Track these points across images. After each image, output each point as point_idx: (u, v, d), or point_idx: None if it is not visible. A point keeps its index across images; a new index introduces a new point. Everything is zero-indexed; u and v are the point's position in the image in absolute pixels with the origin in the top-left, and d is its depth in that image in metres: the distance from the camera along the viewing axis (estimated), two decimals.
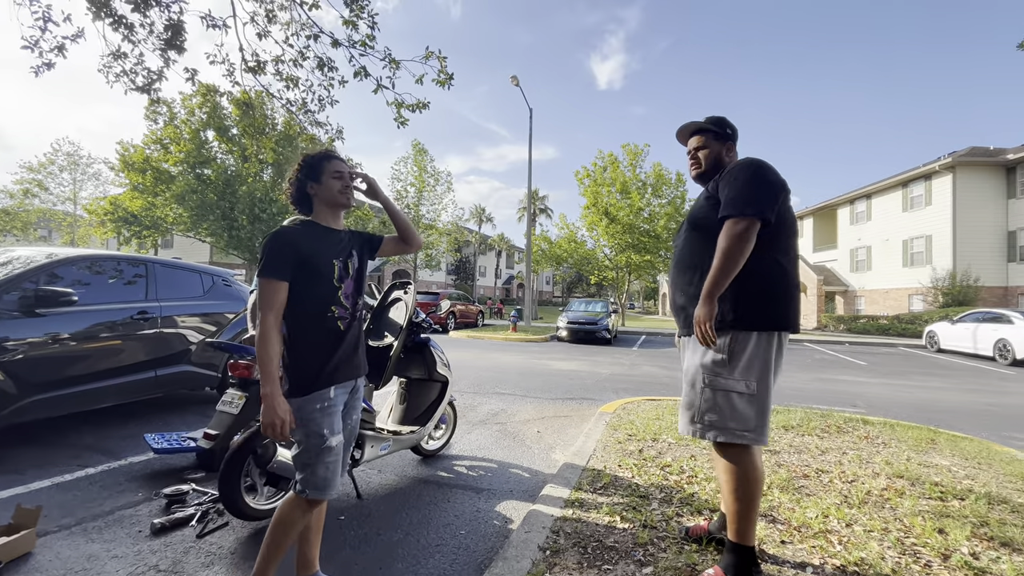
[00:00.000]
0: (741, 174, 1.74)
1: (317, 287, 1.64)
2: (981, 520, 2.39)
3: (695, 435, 1.79)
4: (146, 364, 4.04)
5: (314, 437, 1.58)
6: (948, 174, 20.03)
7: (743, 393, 1.72)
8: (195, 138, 19.06)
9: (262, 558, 1.61)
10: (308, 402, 1.58)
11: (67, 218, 31.40)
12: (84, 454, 3.31)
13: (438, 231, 27.13)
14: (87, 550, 2.10)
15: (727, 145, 2.00)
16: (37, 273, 3.46)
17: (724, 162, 1.97)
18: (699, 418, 1.77)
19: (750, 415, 1.72)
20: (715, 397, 1.74)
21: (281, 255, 1.58)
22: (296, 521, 1.61)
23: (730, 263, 1.64)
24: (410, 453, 3.50)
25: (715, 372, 1.75)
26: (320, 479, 1.59)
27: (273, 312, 1.54)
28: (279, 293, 1.56)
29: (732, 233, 1.65)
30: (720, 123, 2.01)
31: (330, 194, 1.73)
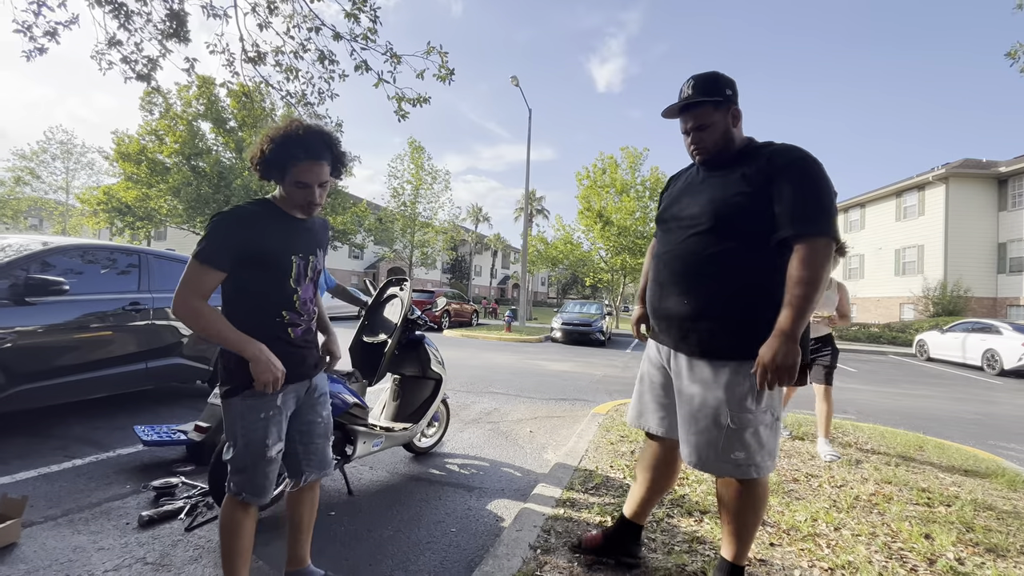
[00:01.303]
0: (813, 177, 1.42)
1: (268, 286, 1.46)
2: (967, 526, 2.41)
3: (718, 474, 1.56)
4: (137, 356, 4.00)
5: (254, 445, 1.45)
6: (941, 185, 20.26)
7: (768, 424, 1.51)
8: (189, 128, 18.91)
9: (225, 570, 1.52)
10: (252, 409, 1.44)
11: (59, 207, 31.05)
12: (72, 445, 3.28)
13: (434, 229, 27.08)
14: (73, 541, 2.08)
15: (732, 110, 1.58)
16: (28, 261, 3.42)
17: (733, 136, 1.60)
18: (725, 457, 1.51)
19: (775, 444, 1.54)
20: (745, 436, 1.49)
21: (226, 241, 1.37)
22: (242, 523, 1.50)
23: (820, 294, 1.37)
24: (402, 450, 3.49)
25: (744, 409, 1.48)
26: (256, 486, 1.48)
27: (200, 297, 1.36)
28: (210, 283, 1.38)
29: (821, 259, 1.37)
30: (715, 86, 1.58)
31: (290, 200, 1.49)
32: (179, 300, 1.36)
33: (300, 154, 1.41)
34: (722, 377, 1.51)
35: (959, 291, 19.51)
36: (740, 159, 1.56)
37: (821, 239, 1.39)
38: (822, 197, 1.41)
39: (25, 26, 3.62)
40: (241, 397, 1.45)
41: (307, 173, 1.43)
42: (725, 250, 1.51)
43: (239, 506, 1.50)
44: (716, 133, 1.59)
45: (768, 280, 1.46)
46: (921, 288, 20.46)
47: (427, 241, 27.07)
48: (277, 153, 1.41)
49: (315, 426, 1.66)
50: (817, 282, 1.36)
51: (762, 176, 1.47)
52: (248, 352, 1.38)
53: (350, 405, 2.60)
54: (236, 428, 1.46)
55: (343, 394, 2.58)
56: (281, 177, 1.45)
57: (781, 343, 1.36)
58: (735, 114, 1.59)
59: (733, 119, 1.59)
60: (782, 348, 1.36)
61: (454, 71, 4.65)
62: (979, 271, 19.96)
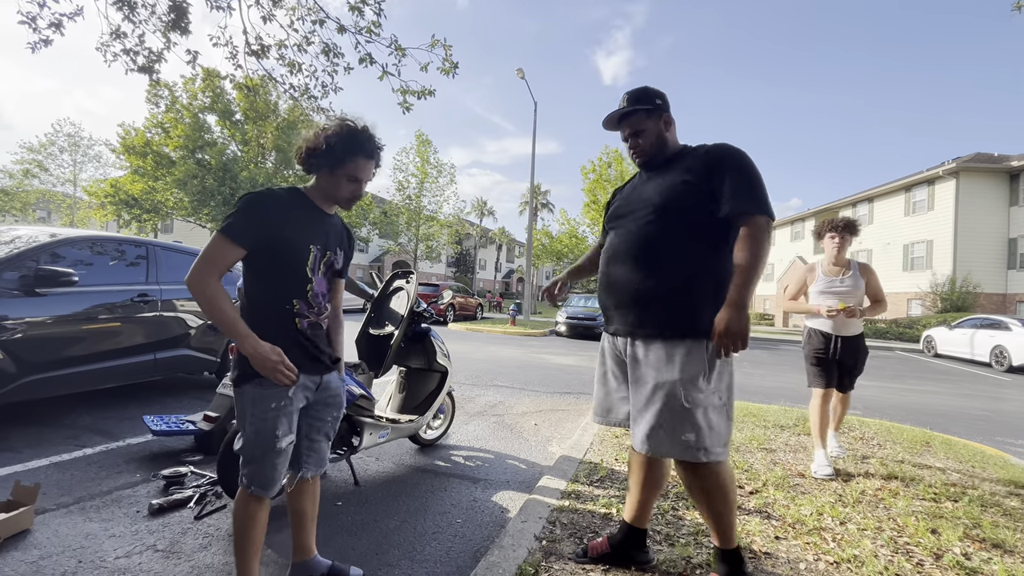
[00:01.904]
0: (746, 165, 1.59)
1: (283, 271, 1.48)
2: (974, 522, 2.40)
3: (667, 455, 1.60)
4: (145, 347, 4.04)
5: (264, 436, 1.45)
6: (952, 179, 20.01)
7: (717, 407, 1.58)
8: (195, 121, 18.95)
9: (236, 558, 1.53)
10: (263, 399, 1.44)
11: (67, 200, 31.27)
12: (83, 435, 3.32)
13: (439, 223, 27.08)
14: (85, 528, 2.11)
15: (664, 117, 1.78)
16: (38, 252, 3.45)
17: (666, 139, 1.78)
18: (675, 438, 1.56)
19: (724, 429, 1.59)
20: (696, 416, 1.54)
21: (252, 220, 1.41)
22: (254, 515, 1.50)
23: (761, 268, 1.51)
24: (408, 442, 3.52)
25: (696, 388, 1.55)
26: (265, 478, 1.48)
27: (217, 272, 1.38)
28: (227, 257, 1.39)
29: (764, 233, 1.52)
30: (646, 96, 1.78)
31: (335, 192, 1.55)
32: (195, 271, 1.37)
33: (359, 151, 1.52)
34: (676, 356, 1.58)
35: (968, 287, 19.32)
36: (678, 158, 1.74)
37: (761, 217, 1.54)
38: (757, 182, 1.58)
39: (30, 17, 3.63)
40: (252, 385, 1.45)
41: (362, 169, 1.54)
42: (674, 235, 1.63)
43: (251, 499, 1.51)
44: (651, 137, 1.77)
45: (716, 261, 1.60)
46: (929, 284, 20.28)
47: (432, 235, 27.09)
48: (341, 147, 1.49)
49: (323, 424, 1.66)
50: (759, 256, 1.51)
51: (702, 167, 1.63)
52: (244, 347, 1.39)
53: (357, 397, 2.62)
54: (246, 417, 1.47)
55: (350, 386, 2.59)
56: (333, 169, 1.51)
57: (731, 312, 1.49)
58: (667, 120, 1.79)
59: (665, 124, 1.79)
60: (733, 316, 1.49)
61: (458, 64, 4.62)
62: (989, 267, 19.75)
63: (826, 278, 3.30)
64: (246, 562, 1.53)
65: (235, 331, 1.39)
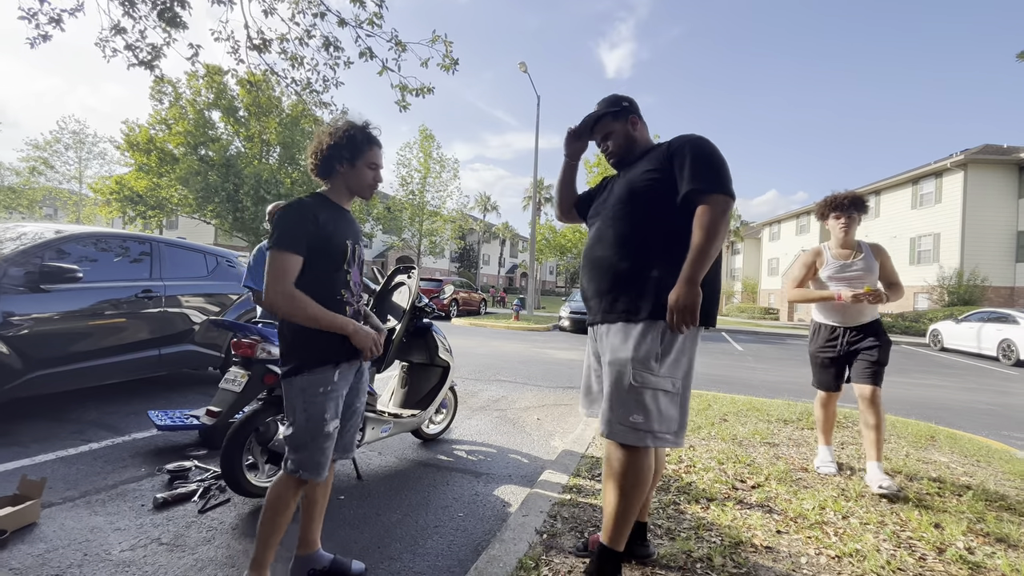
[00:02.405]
0: (703, 148, 1.61)
1: (330, 267, 1.59)
2: (978, 516, 2.39)
3: (616, 438, 1.58)
4: (150, 342, 4.07)
5: (314, 421, 1.55)
6: (960, 172, 19.79)
7: (669, 392, 1.56)
8: (199, 117, 18.98)
9: (260, 541, 1.58)
10: (312, 384, 1.55)
11: (72, 197, 31.43)
12: (89, 429, 3.35)
13: (443, 218, 27.05)
14: (90, 522, 2.14)
15: (630, 119, 1.85)
16: (43, 249, 3.47)
17: (635, 138, 1.85)
18: (623, 419, 1.55)
19: (674, 416, 1.58)
20: (644, 397, 1.54)
21: (300, 228, 1.51)
22: (290, 501, 1.59)
23: (714, 245, 1.51)
24: (410, 436, 3.53)
25: (647, 368, 1.55)
26: (315, 462, 1.56)
27: (290, 282, 1.48)
28: (294, 268, 1.49)
29: (718, 211, 1.52)
30: (613, 102, 1.88)
31: (359, 182, 1.67)
32: (271, 290, 1.47)
33: (375, 140, 1.68)
34: (632, 336, 1.60)
35: (975, 280, 19.15)
36: (646, 155, 1.78)
37: (716, 195, 1.54)
38: (714, 163, 1.59)
39: (30, 13, 3.63)
40: (302, 375, 1.55)
41: (379, 157, 1.70)
42: (639, 225, 1.67)
43: (294, 484, 1.59)
44: (619, 138, 1.86)
45: (678, 246, 1.58)
46: (936, 277, 20.11)
47: (435, 230, 27.07)
48: (360, 137, 1.63)
49: (355, 411, 1.76)
50: (714, 232, 1.51)
51: (664, 157, 1.67)
52: (347, 329, 1.56)
53: None
54: (297, 404, 1.55)
55: None
56: (355, 161, 1.64)
57: (681, 287, 1.51)
58: (633, 121, 1.86)
59: (632, 125, 1.86)
60: (683, 291, 1.50)
61: (458, 61, 4.62)
62: (997, 260, 19.55)
63: (836, 262, 2.95)
64: (270, 547, 1.59)
65: (335, 324, 1.54)
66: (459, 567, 1.95)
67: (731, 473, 2.86)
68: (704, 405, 4.67)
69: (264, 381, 2.55)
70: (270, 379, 2.54)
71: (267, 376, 2.54)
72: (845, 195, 2.94)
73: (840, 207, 2.92)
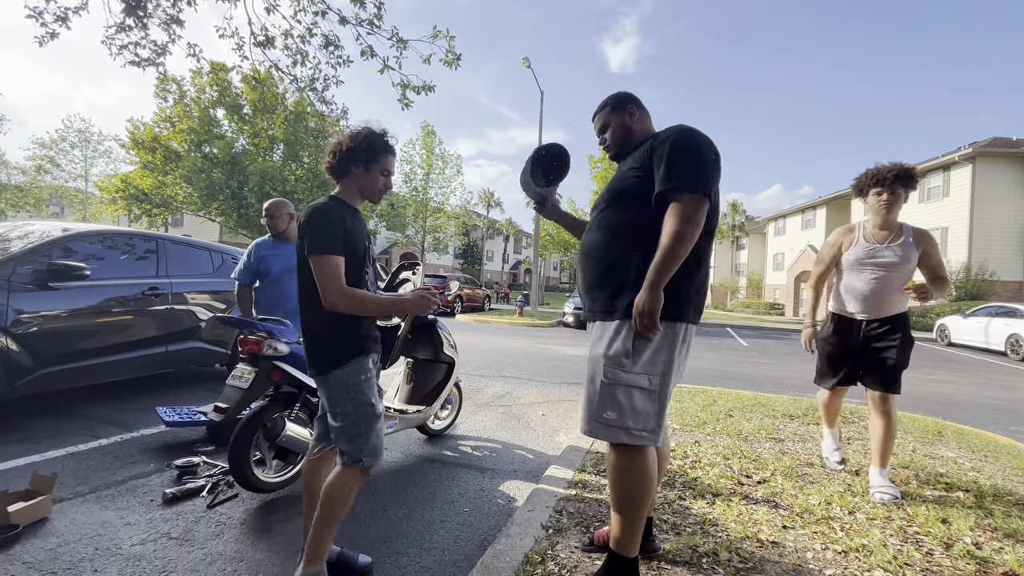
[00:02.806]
0: (683, 142, 1.53)
1: (353, 267, 1.64)
2: (986, 512, 2.38)
3: (592, 434, 1.58)
4: (157, 339, 4.10)
5: (364, 407, 1.62)
6: (968, 165, 19.58)
7: (645, 389, 1.52)
8: (204, 115, 19.03)
9: (316, 537, 1.59)
10: (354, 374, 1.62)
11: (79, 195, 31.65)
12: (98, 425, 3.38)
13: (446, 214, 27.04)
14: (101, 517, 2.16)
15: (628, 110, 1.79)
16: (50, 247, 3.49)
17: (633, 130, 1.80)
18: (598, 416, 1.56)
19: (650, 413, 1.53)
20: (616, 393, 1.53)
21: (332, 229, 1.57)
22: (352, 494, 1.62)
23: (682, 248, 1.45)
24: (416, 432, 3.55)
25: (618, 365, 1.53)
26: (373, 446, 1.63)
27: (345, 283, 1.55)
28: (340, 268, 1.55)
29: (685, 213, 1.45)
30: (610, 97, 1.86)
31: (371, 186, 1.74)
32: (332, 295, 1.53)
33: (389, 148, 1.74)
34: (607, 334, 1.59)
35: (983, 275, 18.98)
36: (638, 147, 1.72)
37: (686, 195, 1.47)
38: (691, 158, 1.51)
39: (37, 12, 3.65)
40: (344, 367, 1.61)
41: (392, 164, 1.77)
42: (622, 222, 1.64)
43: (357, 475, 1.62)
44: (616, 131, 1.82)
45: (656, 245, 1.53)
46: None
47: (439, 226, 27.07)
48: (378, 143, 1.70)
49: None
50: (681, 234, 1.45)
51: (647, 154, 1.62)
52: (406, 303, 1.71)
53: None
54: (343, 396, 1.61)
55: None
56: (369, 166, 1.70)
57: (643, 292, 1.47)
58: (631, 112, 1.80)
59: (630, 116, 1.80)
60: (643, 296, 1.46)
61: (461, 56, 4.60)
62: (1005, 254, 19.35)
63: (867, 244, 2.60)
64: (327, 541, 1.61)
65: (395, 304, 1.72)
66: (465, 561, 1.96)
67: (737, 468, 2.86)
68: (709, 401, 4.66)
69: (271, 377, 2.56)
70: (277, 375, 2.55)
71: (274, 372, 2.55)
72: (890, 167, 2.56)
73: (883, 181, 2.54)
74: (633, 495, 1.54)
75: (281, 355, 2.56)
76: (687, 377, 6.34)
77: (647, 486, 1.54)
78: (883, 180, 2.54)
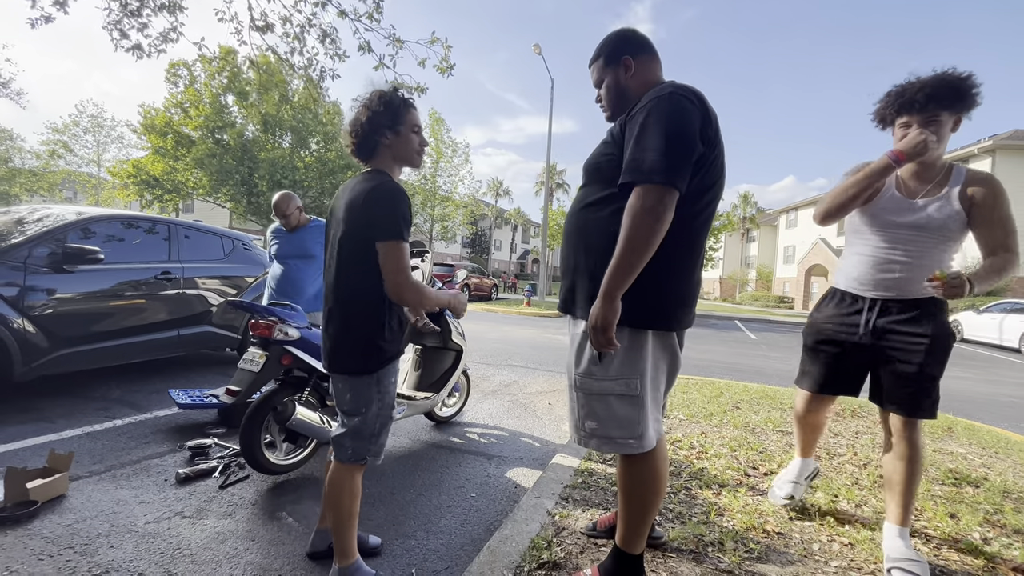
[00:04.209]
0: (653, 116, 1.25)
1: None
2: (995, 507, 2.37)
3: (581, 444, 1.47)
4: (169, 323, 4.15)
5: (387, 409, 1.59)
6: (987, 158, 19.18)
7: (623, 395, 1.37)
8: (215, 102, 19.07)
9: (338, 534, 1.57)
10: (386, 376, 1.56)
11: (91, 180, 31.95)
12: (113, 407, 3.45)
13: (454, 203, 27.00)
14: (116, 495, 2.21)
15: (623, 63, 1.49)
16: (65, 230, 3.54)
17: (628, 87, 1.49)
18: (581, 426, 1.45)
19: (634, 419, 1.37)
20: (592, 404, 1.41)
21: (407, 213, 1.45)
22: (358, 486, 1.59)
23: (635, 252, 1.21)
24: (424, 419, 3.58)
25: (587, 373, 1.40)
26: (380, 445, 1.61)
27: (411, 273, 1.47)
28: (409, 255, 1.47)
29: (638, 209, 1.21)
30: (602, 45, 1.54)
31: (407, 150, 1.57)
32: (403, 286, 1.45)
33: (410, 103, 1.58)
34: (576, 336, 1.47)
35: None
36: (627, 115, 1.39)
37: (643, 186, 1.22)
38: (658, 139, 1.21)
39: None
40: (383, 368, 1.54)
41: (419, 117, 1.61)
42: (589, 204, 1.45)
43: (358, 470, 1.59)
44: (609, 89, 1.54)
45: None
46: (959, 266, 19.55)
47: (447, 215, 27.06)
48: (398, 101, 1.54)
49: None
50: (634, 237, 1.20)
51: (620, 127, 1.37)
52: (452, 301, 1.69)
53: None
54: (371, 396, 1.54)
55: None
56: (397, 127, 1.54)
57: (598, 300, 1.26)
58: (626, 64, 1.49)
59: (625, 70, 1.49)
60: (596, 307, 1.26)
61: (455, 65, 4.74)
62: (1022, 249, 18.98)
63: (898, 196, 1.81)
64: (350, 533, 1.57)
65: (443, 300, 1.64)
66: (472, 546, 1.99)
67: (743, 460, 2.86)
68: (716, 392, 4.65)
69: (281, 362, 2.59)
70: (287, 360, 2.58)
71: (284, 357, 2.58)
72: (921, 81, 1.69)
73: (910, 104, 1.70)
74: (639, 498, 1.46)
75: (292, 340, 2.58)
76: (695, 369, 6.32)
77: (654, 490, 1.45)
78: (911, 103, 1.69)
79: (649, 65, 1.50)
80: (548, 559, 1.74)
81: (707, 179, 1.34)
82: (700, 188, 1.32)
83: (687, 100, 1.27)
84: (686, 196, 1.26)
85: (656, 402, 1.44)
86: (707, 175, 1.33)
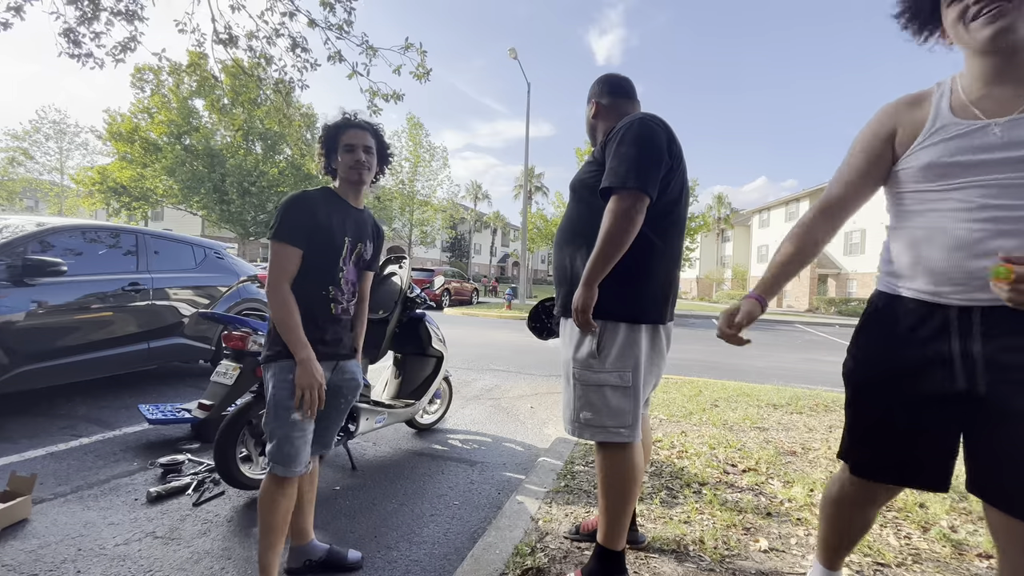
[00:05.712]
0: (628, 136, 1.49)
1: (323, 260, 1.60)
2: (961, 495, 2.46)
3: (575, 435, 1.59)
4: (139, 336, 4.02)
5: (281, 407, 1.50)
6: None
7: (617, 386, 1.51)
8: (183, 106, 18.60)
9: (260, 545, 1.54)
10: (284, 370, 1.51)
11: (54, 188, 30.76)
12: (78, 424, 3.31)
13: (433, 207, 26.88)
14: (84, 517, 2.12)
15: (599, 102, 1.79)
16: (25, 242, 3.40)
17: (596, 125, 1.80)
18: (575, 417, 1.56)
19: (626, 410, 1.51)
20: (589, 394, 1.53)
21: (299, 220, 1.53)
22: (277, 498, 1.52)
23: (612, 246, 1.43)
24: (405, 426, 3.54)
25: (587, 367, 1.54)
26: (284, 454, 1.50)
27: (287, 279, 1.52)
28: (293, 260, 1.53)
29: (615, 211, 1.43)
30: (592, 85, 1.85)
31: (342, 169, 1.66)
32: (272, 285, 1.51)
33: (346, 124, 1.68)
34: (575, 333, 1.59)
35: None
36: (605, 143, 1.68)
37: (619, 192, 1.44)
38: (632, 154, 1.45)
39: None
40: (280, 361, 1.53)
41: (352, 137, 1.66)
42: (577, 216, 1.66)
43: (272, 480, 1.53)
44: (590, 125, 1.84)
45: None
46: None
47: (426, 219, 26.93)
48: (333, 126, 1.68)
49: (336, 408, 1.72)
50: (613, 234, 1.42)
51: (602, 148, 1.61)
52: (300, 355, 1.50)
53: None
54: (268, 390, 1.55)
55: None
56: (331, 150, 1.68)
57: (579, 287, 1.49)
58: (594, 107, 1.80)
59: (594, 112, 1.80)
60: (577, 292, 1.49)
61: (431, 71, 4.70)
62: None
63: (958, 122, 1.02)
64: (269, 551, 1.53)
65: (297, 339, 1.50)
66: (455, 554, 1.97)
67: (722, 458, 2.91)
68: (695, 391, 4.73)
69: (256, 374, 2.54)
70: (261, 372, 2.53)
71: (258, 369, 2.52)
72: None
73: None
74: (619, 490, 1.54)
75: None
76: (674, 368, 6.41)
77: (632, 481, 1.54)
78: None
79: (614, 110, 1.77)
80: (532, 565, 1.74)
81: (674, 186, 1.57)
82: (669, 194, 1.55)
83: (655, 123, 1.53)
84: (656, 201, 1.49)
85: (643, 396, 1.58)
86: (673, 184, 1.56)
